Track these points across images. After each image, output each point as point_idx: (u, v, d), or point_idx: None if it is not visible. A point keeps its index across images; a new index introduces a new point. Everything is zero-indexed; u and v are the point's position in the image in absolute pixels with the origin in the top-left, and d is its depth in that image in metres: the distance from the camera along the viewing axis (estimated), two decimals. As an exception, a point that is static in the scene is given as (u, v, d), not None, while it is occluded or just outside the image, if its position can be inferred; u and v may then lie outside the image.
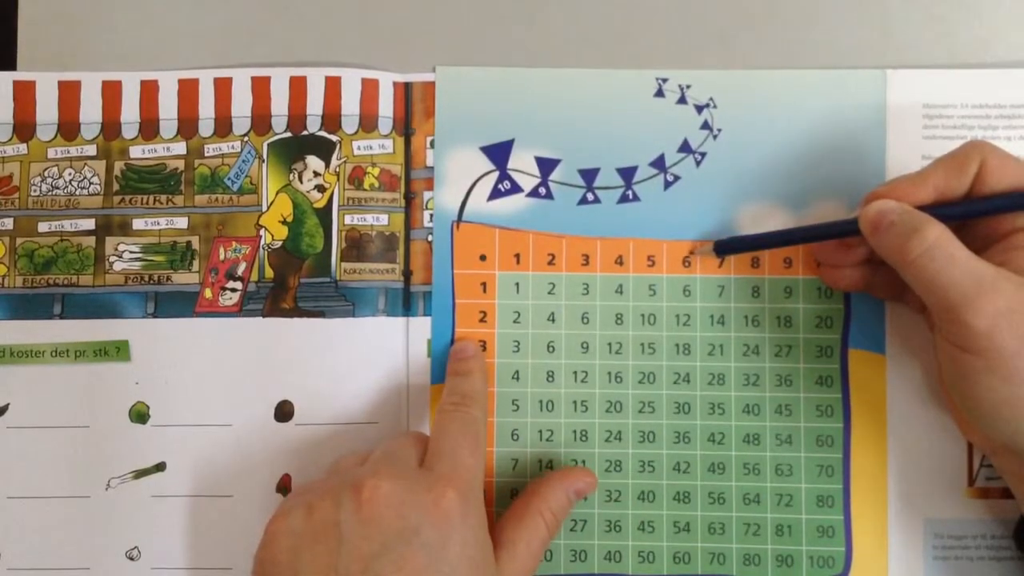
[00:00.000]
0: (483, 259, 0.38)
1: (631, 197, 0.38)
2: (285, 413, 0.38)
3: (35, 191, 0.39)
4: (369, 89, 0.39)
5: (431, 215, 0.39)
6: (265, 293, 0.38)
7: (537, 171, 0.39)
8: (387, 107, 0.39)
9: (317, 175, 0.38)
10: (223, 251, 0.38)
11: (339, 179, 0.38)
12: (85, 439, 0.38)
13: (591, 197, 0.38)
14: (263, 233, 0.38)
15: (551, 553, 0.37)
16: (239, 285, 0.38)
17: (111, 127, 0.39)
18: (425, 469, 0.31)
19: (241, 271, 0.38)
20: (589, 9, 0.40)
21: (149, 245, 0.38)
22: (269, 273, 0.38)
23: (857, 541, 0.37)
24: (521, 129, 0.39)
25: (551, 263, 0.38)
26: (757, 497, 0.37)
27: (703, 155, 0.38)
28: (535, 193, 0.39)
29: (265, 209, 0.38)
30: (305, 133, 0.39)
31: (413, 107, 0.39)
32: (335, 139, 0.38)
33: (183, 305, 0.38)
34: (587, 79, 0.39)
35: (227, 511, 0.37)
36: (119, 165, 0.39)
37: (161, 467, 0.38)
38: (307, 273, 0.38)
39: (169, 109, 0.39)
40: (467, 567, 0.29)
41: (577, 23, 0.40)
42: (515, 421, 0.38)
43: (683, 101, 0.38)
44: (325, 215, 0.38)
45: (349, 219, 0.38)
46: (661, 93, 0.39)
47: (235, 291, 0.38)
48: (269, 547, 0.30)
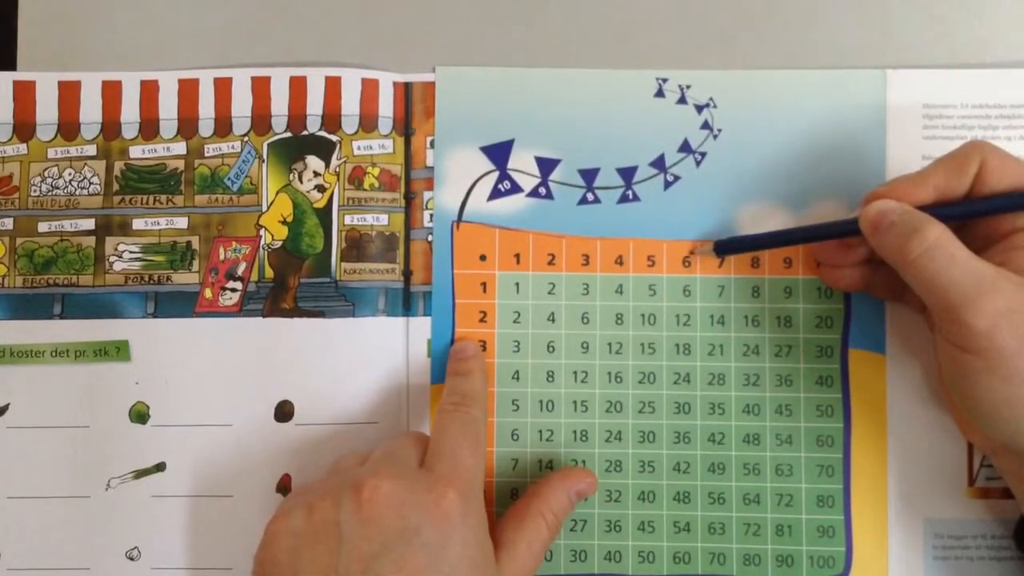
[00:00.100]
0: (483, 259, 0.38)
1: (631, 197, 0.38)
2: (285, 413, 0.38)
3: (35, 191, 0.39)
4: (369, 89, 0.39)
5: (431, 215, 0.39)
6: (265, 293, 0.38)
7: (537, 171, 0.39)
8: (387, 107, 0.39)
9: (317, 175, 0.38)
10: (223, 251, 0.38)
11: (339, 179, 0.38)
12: (85, 439, 0.38)
13: (591, 197, 0.38)
14: (263, 233, 0.38)
15: (551, 553, 0.37)
16: (239, 285, 0.38)
17: (111, 127, 0.39)
18: (425, 469, 0.31)
19: (241, 271, 0.38)
20: (589, 9, 0.40)
21: (149, 245, 0.38)
22: (269, 273, 0.38)
23: (857, 541, 0.37)
24: (521, 129, 0.39)
25: (551, 263, 0.38)
26: (757, 497, 0.37)
27: (703, 155, 0.38)
28: (535, 193, 0.39)
29: (265, 209, 0.38)
30: (305, 133, 0.39)
31: (413, 107, 0.39)
32: (335, 139, 0.38)
33: (183, 305, 0.38)
34: (587, 79, 0.39)
35: (227, 511, 0.37)
36: (119, 165, 0.39)
37: (161, 467, 0.38)
38: (307, 273, 0.38)
39: (169, 109, 0.39)
40: (467, 567, 0.29)
41: (577, 23, 0.40)
42: (515, 421, 0.38)
43: (683, 101, 0.38)
44: (325, 215, 0.38)
45: (349, 219, 0.38)
46: (661, 93, 0.39)
47: (235, 291, 0.38)
48: (269, 547, 0.30)
